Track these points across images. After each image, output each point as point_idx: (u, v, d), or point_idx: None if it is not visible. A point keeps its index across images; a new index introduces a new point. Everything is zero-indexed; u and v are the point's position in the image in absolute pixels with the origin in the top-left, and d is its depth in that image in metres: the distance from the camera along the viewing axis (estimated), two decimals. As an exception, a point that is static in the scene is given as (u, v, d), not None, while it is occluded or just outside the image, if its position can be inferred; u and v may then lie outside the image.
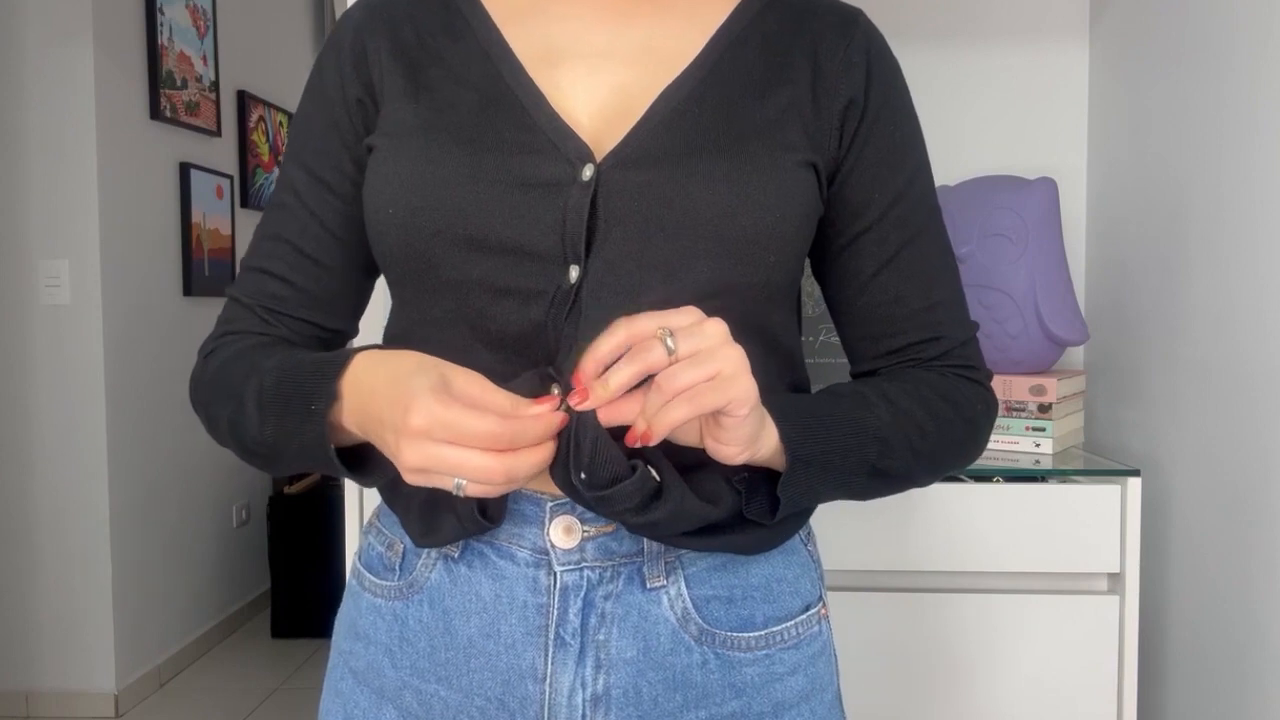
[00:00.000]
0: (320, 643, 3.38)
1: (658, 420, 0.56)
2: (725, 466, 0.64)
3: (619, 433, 0.58)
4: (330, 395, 0.62)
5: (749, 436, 0.60)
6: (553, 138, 0.66)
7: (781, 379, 0.72)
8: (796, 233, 0.68)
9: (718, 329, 0.57)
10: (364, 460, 0.66)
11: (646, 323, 0.57)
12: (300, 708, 2.94)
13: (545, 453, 0.58)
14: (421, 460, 0.56)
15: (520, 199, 0.64)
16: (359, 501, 1.25)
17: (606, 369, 0.57)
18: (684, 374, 0.55)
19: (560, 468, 0.61)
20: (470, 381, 0.58)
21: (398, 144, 0.68)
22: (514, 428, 0.56)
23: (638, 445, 0.58)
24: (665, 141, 0.66)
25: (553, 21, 0.71)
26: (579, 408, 0.57)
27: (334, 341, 0.76)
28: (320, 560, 3.33)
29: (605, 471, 0.59)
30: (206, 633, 3.39)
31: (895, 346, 0.74)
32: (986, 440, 0.75)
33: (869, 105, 0.71)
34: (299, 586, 3.40)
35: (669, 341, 0.56)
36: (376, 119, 0.71)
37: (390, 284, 0.73)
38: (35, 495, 2.88)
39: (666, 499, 0.62)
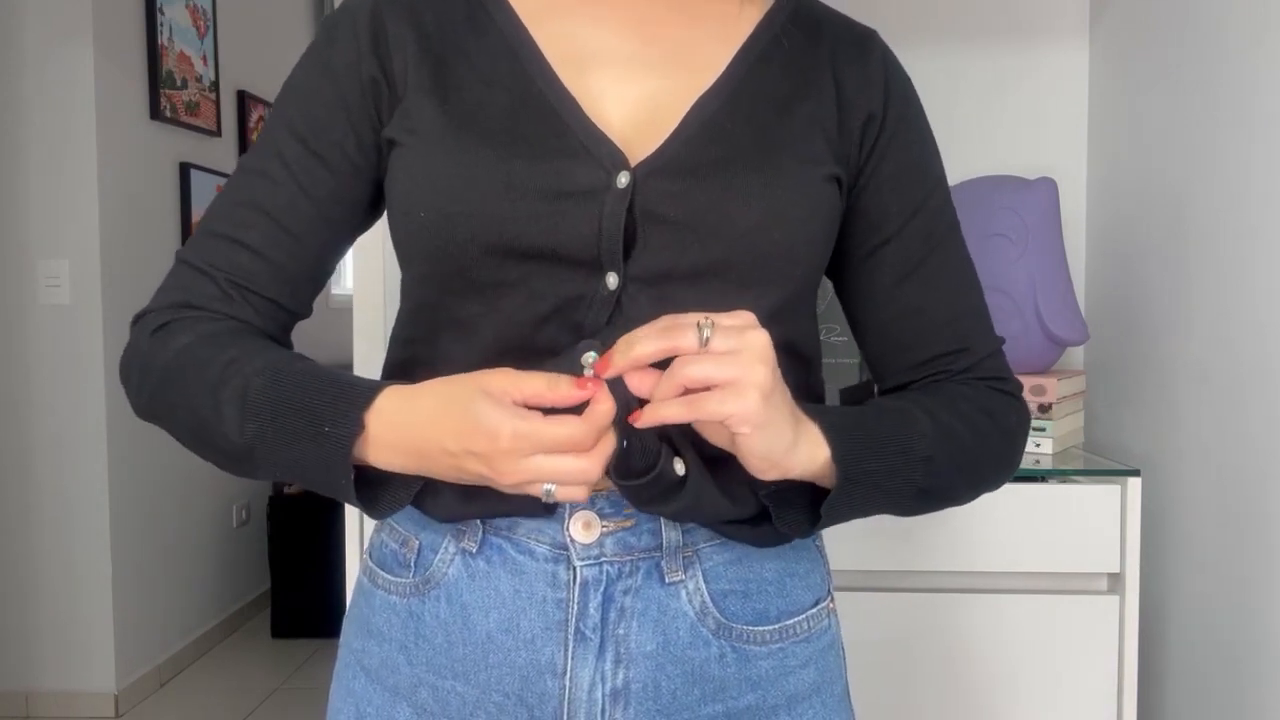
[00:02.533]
0: (320, 643, 3.38)
1: (650, 411, 0.58)
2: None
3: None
4: (354, 424, 0.61)
5: (763, 455, 0.60)
6: (587, 144, 0.66)
7: (799, 389, 0.72)
8: (823, 244, 0.70)
9: (759, 340, 0.58)
10: (367, 487, 0.66)
11: (692, 315, 0.58)
12: (300, 708, 2.94)
13: (614, 436, 0.59)
14: (522, 476, 0.58)
15: (556, 206, 0.64)
16: (359, 501, 1.25)
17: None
18: (696, 366, 0.56)
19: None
20: (502, 378, 0.59)
21: (427, 144, 0.67)
22: (595, 425, 0.57)
23: (636, 424, 0.59)
24: (700, 153, 0.67)
25: (580, 25, 0.71)
26: (603, 375, 0.58)
27: (288, 326, 0.73)
28: (320, 560, 3.33)
29: (640, 443, 0.61)
30: (206, 633, 3.39)
31: (922, 359, 0.74)
32: (1022, 453, 0.74)
33: (887, 120, 0.73)
34: (299, 586, 3.40)
35: (705, 331, 0.56)
36: (392, 105, 0.70)
37: (412, 284, 0.72)
38: (35, 495, 2.88)
39: (684, 494, 0.64)
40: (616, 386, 0.59)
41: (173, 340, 0.67)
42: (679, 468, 0.64)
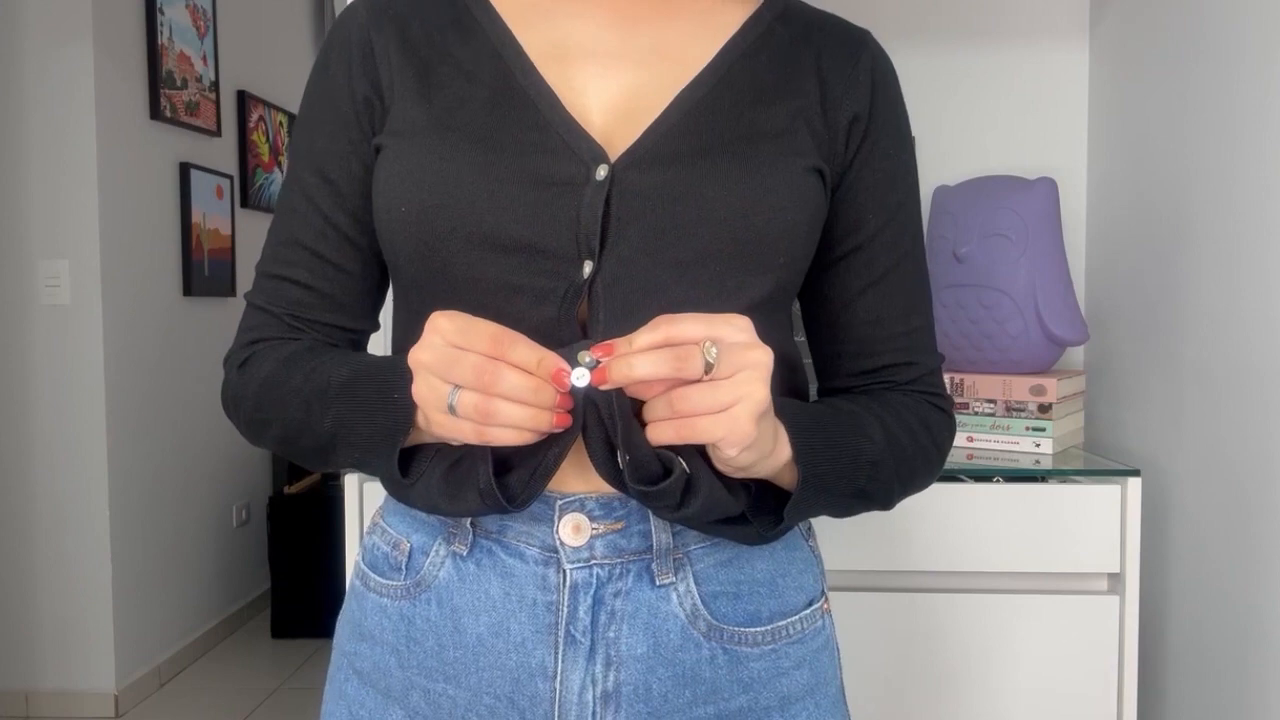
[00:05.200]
0: (320, 643, 3.38)
1: (649, 432, 0.59)
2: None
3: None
4: (406, 375, 0.63)
5: (741, 468, 0.61)
6: (566, 138, 0.66)
7: (787, 393, 0.73)
8: (806, 236, 0.70)
9: (761, 359, 0.57)
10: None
11: (693, 327, 0.57)
12: (300, 708, 2.94)
13: (524, 380, 0.57)
14: (429, 357, 0.58)
15: (534, 197, 0.65)
16: (359, 501, 1.25)
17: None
18: (698, 398, 0.56)
19: (598, 452, 0.63)
20: (498, 331, 0.59)
21: (409, 142, 0.68)
22: (514, 334, 0.57)
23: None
24: (679, 143, 0.67)
25: (563, 21, 0.72)
26: (600, 385, 0.57)
27: (359, 341, 0.77)
28: (320, 560, 3.33)
29: (639, 453, 0.61)
30: (206, 633, 3.39)
31: (871, 367, 0.75)
32: (943, 464, 0.77)
33: (871, 125, 0.73)
34: (299, 586, 3.40)
35: (709, 356, 0.56)
36: (384, 117, 0.70)
37: (400, 290, 0.73)
38: (35, 495, 2.88)
39: (698, 493, 0.63)
40: (612, 394, 0.59)
41: (257, 370, 0.72)
42: (685, 467, 0.64)
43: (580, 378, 0.57)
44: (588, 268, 0.65)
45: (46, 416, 2.87)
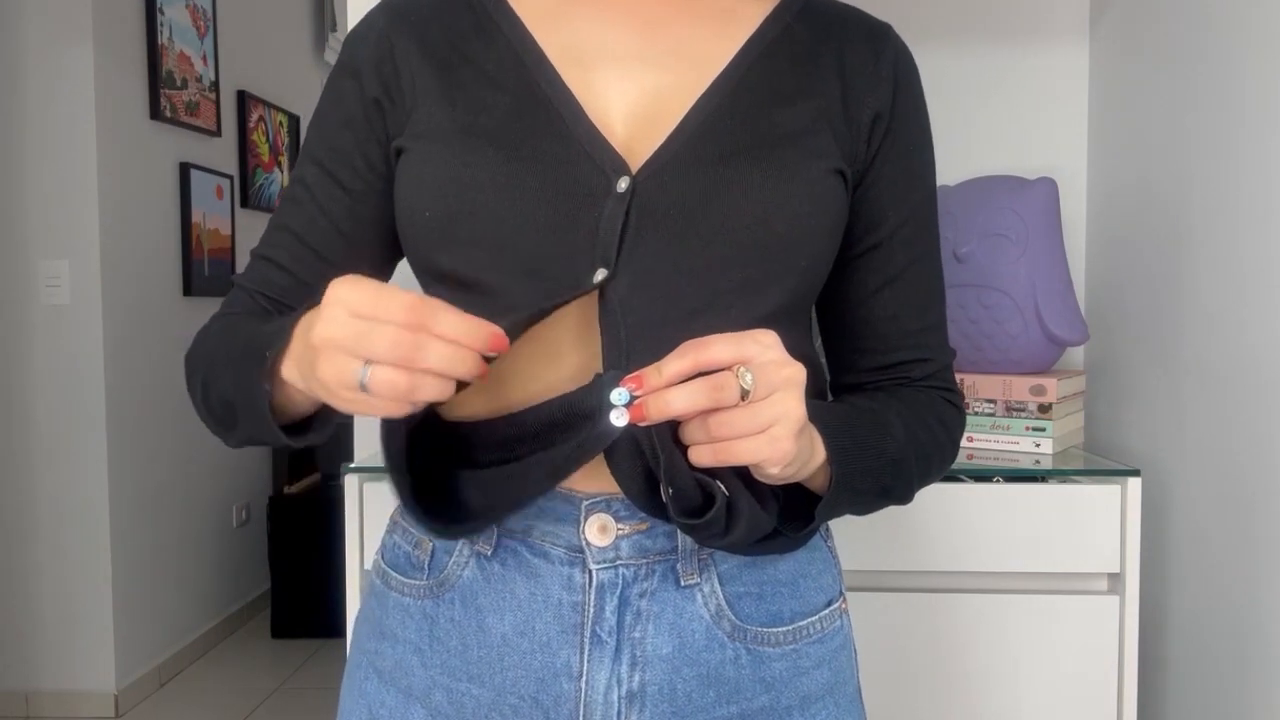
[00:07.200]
0: (320, 643, 3.38)
1: (691, 455, 0.59)
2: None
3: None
4: (285, 338, 0.59)
5: (781, 479, 0.61)
6: (589, 150, 0.66)
7: (812, 395, 0.73)
8: (827, 239, 0.70)
9: (795, 376, 0.57)
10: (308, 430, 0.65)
11: (721, 350, 0.57)
12: (300, 708, 2.94)
13: (452, 351, 0.53)
14: (332, 332, 0.53)
15: (555, 208, 0.65)
16: (359, 501, 1.25)
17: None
18: (738, 422, 0.56)
19: (634, 484, 0.63)
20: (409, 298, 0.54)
21: (432, 147, 0.68)
22: (433, 301, 0.53)
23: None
24: (699, 150, 0.67)
25: (583, 24, 0.72)
26: (639, 421, 0.56)
27: None
28: (320, 560, 3.33)
29: (681, 483, 0.60)
30: (206, 633, 3.39)
31: (887, 363, 0.76)
32: (956, 457, 0.78)
33: (893, 122, 0.73)
34: (299, 586, 3.40)
35: (746, 383, 0.56)
36: (401, 119, 0.71)
37: (424, 289, 0.73)
38: (35, 495, 2.88)
39: (740, 516, 0.63)
40: (653, 429, 0.59)
41: (206, 334, 0.74)
42: (724, 490, 0.63)
43: (619, 417, 0.57)
44: (599, 275, 0.65)
45: (46, 416, 2.87)
